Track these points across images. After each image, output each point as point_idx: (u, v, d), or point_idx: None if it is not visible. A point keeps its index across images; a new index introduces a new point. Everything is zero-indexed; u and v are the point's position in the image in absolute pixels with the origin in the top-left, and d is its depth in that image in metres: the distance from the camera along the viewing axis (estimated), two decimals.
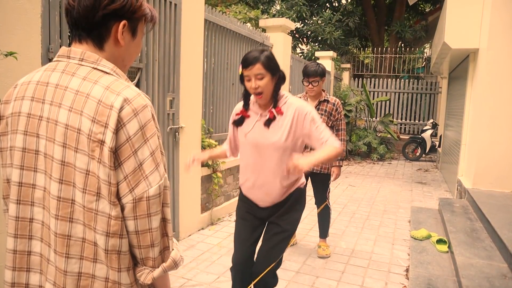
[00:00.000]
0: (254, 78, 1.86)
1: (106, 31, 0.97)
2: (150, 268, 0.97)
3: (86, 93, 0.92)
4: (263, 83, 1.86)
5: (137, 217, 0.92)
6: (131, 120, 0.91)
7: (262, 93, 1.89)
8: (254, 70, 1.85)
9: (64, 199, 0.93)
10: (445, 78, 9.06)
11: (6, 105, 1.02)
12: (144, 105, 0.93)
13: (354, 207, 5.15)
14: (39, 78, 0.99)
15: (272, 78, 1.90)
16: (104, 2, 0.94)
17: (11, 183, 1.00)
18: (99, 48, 0.99)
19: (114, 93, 0.91)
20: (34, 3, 2.16)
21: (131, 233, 0.94)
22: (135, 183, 0.91)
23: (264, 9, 11.65)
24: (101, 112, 0.90)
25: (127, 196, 0.92)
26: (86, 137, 0.90)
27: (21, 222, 0.99)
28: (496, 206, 3.78)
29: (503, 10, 4.37)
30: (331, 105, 3.24)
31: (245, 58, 1.88)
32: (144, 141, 0.93)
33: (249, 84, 1.89)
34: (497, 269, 2.69)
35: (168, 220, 0.99)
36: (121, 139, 0.90)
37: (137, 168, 0.92)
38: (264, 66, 1.85)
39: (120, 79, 0.96)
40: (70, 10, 0.96)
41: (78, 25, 0.97)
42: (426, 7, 14.02)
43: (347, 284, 2.91)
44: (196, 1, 3.72)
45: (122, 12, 0.97)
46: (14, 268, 1.00)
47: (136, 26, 1.03)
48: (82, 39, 0.98)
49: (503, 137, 4.42)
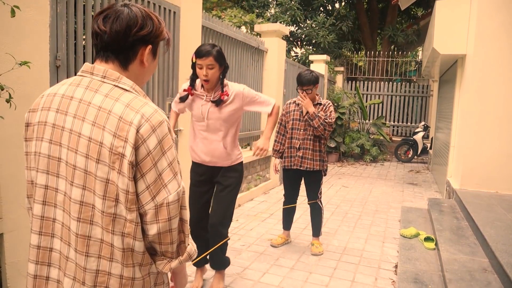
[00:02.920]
0: (206, 67, 2.33)
1: (133, 54, 1.08)
2: (168, 259, 1.12)
3: (108, 110, 1.01)
4: (212, 72, 2.36)
5: (159, 221, 1.04)
6: (150, 136, 1.00)
7: (209, 80, 2.38)
8: (206, 61, 2.32)
9: (86, 204, 1.03)
10: (436, 81, 9.26)
11: (33, 113, 1.11)
12: (161, 121, 1.03)
13: (346, 207, 5.31)
14: (64, 92, 1.08)
15: (219, 69, 2.39)
16: (134, 29, 1.05)
17: (37, 186, 1.09)
18: (124, 68, 1.09)
19: (134, 111, 1.01)
20: (43, 14, 2.29)
21: (154, 235, 1.06)
22: (156, 192, 1.02)
23: (259, 13, 11.80)
24: (122, 127, 0.99)
25: (150, 203, 1.02)
26: (107, 150, 0.99)
27: (45, 221, 1.09)
28: (481, 205, 3.96)
29: (489, 18, 4.56)
30: (322, 106, 3.42)
31: (199, 50, 2.35)
32: (162, 153, 1.03)
33: (201, 72, 2.36)
34: (479, 264, 2.86)
35: (185, 220, 1.12)
36: (142, 154, 1.00)
37: (157, 178, 1.02)
38: (215, 59, 2.33)
39: (138, 96, 1.06)
40: (100, 34, 1.05)
41: (107, 48, 1.06)
42: (418, 12, 14.26)
43: (339, 279, 3.06)
44: (194, 8, 3.86)
45: (149, 37, 1.08)
46: (37, 262, 1.10)
47: (157, 48, 1.14)
48: (109, 60, 1.08)
49: (489, 139, 4.61)
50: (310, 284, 2.96)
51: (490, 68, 4.58)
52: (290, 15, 11.50)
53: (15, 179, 2.13)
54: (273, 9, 12.36)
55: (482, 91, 4.64)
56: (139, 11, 1.07)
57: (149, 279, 1.12)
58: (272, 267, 3.23)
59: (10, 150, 2.11)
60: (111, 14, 1.05)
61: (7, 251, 2.13)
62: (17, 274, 2.19)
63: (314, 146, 3.44)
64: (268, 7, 12.13)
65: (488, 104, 4.61)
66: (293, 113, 3.51)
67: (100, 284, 1.05)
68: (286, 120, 3.56)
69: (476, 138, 4.68)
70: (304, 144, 3.43)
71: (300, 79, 3.35)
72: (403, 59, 12.95)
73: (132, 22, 1.05)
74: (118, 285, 1.06)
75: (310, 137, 3.42)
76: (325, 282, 3.00)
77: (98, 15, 1.07)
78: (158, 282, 1.16)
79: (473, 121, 4.70)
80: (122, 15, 1.04)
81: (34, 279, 1.11)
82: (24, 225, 2.18)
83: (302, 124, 3.45)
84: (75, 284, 1.06)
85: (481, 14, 4.60)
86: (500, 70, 4.53)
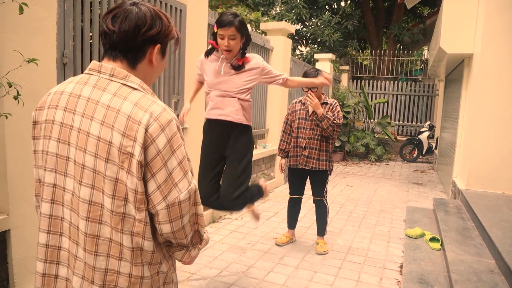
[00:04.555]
0: (227, 38, 2.31)
1: (141, 54, 1.08)
2: (186, 248, 1.15)
3: (117, 109, 1.00)
4: (234, 42, 2.34)
5: (172, 220, 1.04)
6: (159, 135, 0.99)
7: (231, 51, 2.36)
8: (228, 31, 2.30)
9: (95, 203, 1.02)
10: (442, 81, 9.21)
11: (40, 111, 1.11)
12: (169, 120, 1.02)
13: (351, 206, 5.30)
14: (71, 90, 1.07)
15: (241, 39, 2.37)
16: (143, 29, 1.04)
17: (45, 184, 1.09)
18: (132, 67, 1.08)
19: (142, 110, 1.00)
20: (51, 11, 2.29)
21: (168, 233, 1.06)
22: (167, 191, 1.02)
23: (264, 11, 11.78)
24: (130, 127, 0.98)
25: (161, 203, 1.02)
26: (116, 149, 0.99)
27: (53, 220, 1.09)
28: (487, 206, 3.93)
29: (496, 17, 4.52)
30: (329, 106, 3.40)
31: (221, 20, 2.31)
32: (171, 152, 1.02)
33: (222, 42, 2.34)
34: (485, 265, 2.84)
35: (200, 214, 1.14)
36: (152, 153, 0.99)
37: (168, 177, 1.02)
38: (237, 29, 2.31)
39: (147, 95, 1.05)
40: (109, 34, 1.05)
41: (116, 47, 1.06)
42: (424, 10, 14.18)
43: (344, 279, 3.05)
44: (200, 6, 3.86)
45: (157, 37, 1.07)
46: (45, 260, 1.10)
47: (166, 47, 1.13)
48: (117, 59, 1.07)
49: (495, 139, 4.57)
50: (315, 284, 2.95)
51: (498, 67, 4.54)
52: (295, 13, 11.46)
53: (22, 175, 2.14)
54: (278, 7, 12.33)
55: (489, 91, 4.60)
56: (148, 11, 1.06)
57: (158, 278, 1.12)
58: (277, 266, 3.23)
59: (18, 147, 2.12)
60: (120, 14, 1.04)
61: (14, 247, 2.14)
62: (24, 270, 2.20)
63: (321, 146, 3.42)
64: (273, 5, 12.11)
65: (495, 104, 4.57)
66: (299, 112, 3.49)
67: (109, 283, 1.05)
68: (292, 119, 3.55)
69: (482, 138, 4.64)
70: (310, 143, 3.42)
71: (305, 77, 3.33)
72: (409, 58, 12.89)
73: (141, 22, 1.04)
74: (127, 283, 1.05)
75: (316, 137, 3.41)
76: (330, 282, 2.99)
77: (107, 15, 1.06)
78: (167, 281, 1.16)
79: (480, 121, 4.66)
80: (131, 14, 1.04)
81: (43, 277, 1.11)
82: (31, 221, 2.19)
83: (308, 123, 3.43)
84: (84, 283, 1.06)
85: (489, 13, 4.55)
86: (508, 69, 4.48)
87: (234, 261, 3.28)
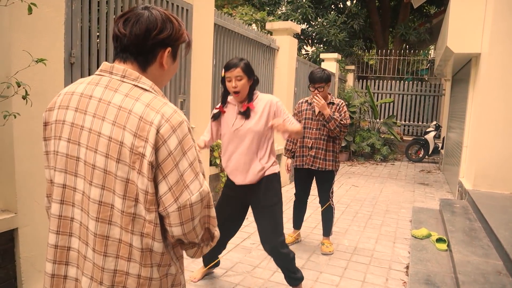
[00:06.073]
0: (234, 79, 2.33)
1: (152, 57, 1.08)
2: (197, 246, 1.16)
3: (129, 109, 1.00)
4: (241, 83, 2.34)
5: (183, 222, 1.04)
6: (170, 137, 0.99)
7: (239, 92, 2.35)
8: (234, 73, 2.33)
9: (105, 204, 1.02)
10: (449, 80, 9.15)
11: (50, 112, 1.11)
12: (180, 121, 1.02)
13: (357, 206, 5.28)
14: (82, 91, 1.07)
15: (248, 81, 2.37)
16: (153, 33, 1.05)
17: (55, 185, 1.09)
18: (143, 70, 1.08)
19: (154, 111, 1.00)
20: (59, 12, 2.30)
21: (179, 235, 1.06)
22: (178, 193, 1.01)
23: (270, 10, 11.77)
24: (142, 127, 0.98)
25: (173, 205, 1.01)
26: (128, 149, 0.99)
27: (63, 221, 1.09)
28: (494, 207, 3.90)
29: (504, 16, 4.48)
30: (335, 106, 3.39)
31: (227, 63, 2.36)
32: (183, 154, 1.02)
33: (230, 84, 2.35)
34: (493, 266, 2.82)
35: (212, 217, 1.13)
36: (163, 155, 0.99)
37: (179, 179, 1.01)
38: (243, 70, 2.33)
39: (158, 96, 1.05)
40: (120, 37, 1.06)
41: (127, 50, 1.07)
42: (431, 9, 14.09)
43: (349, 279, 3.05)
44: (206, 6, 3.86)
45: (168, 40, 1.08)
46: (54, 261, 1.10)
47: (177, 51, 1.14)
48: (128, 61, 1.08)
49: (503, 140, 4.54)
50: (320, 284, 2.94)
51: (505, 67, 4.50)
52: (301, 13, 11.44)
53: (31, 175, 2.16)
54: (284, 7, 12.32)
55: (496, 91, 4.56)
56: (159, 14, 1.07)
57: (167, 280, 1.12)
58: None
59: (26, 146, 2.13)
60: (132, 17, 1.05)
61: (22, 245, 2.15)
62: (31, 268, 2.22)
63: (327, 146, 3.41)
64: (279, 5, 12.10)
65: (502, 104, 4.53)
66: (305, 112, 3.49)
67: (117, 283, 1.05)
68: (298, 119, 3.54)
69: (490, 138, 4.60)
70: (317, 143, 3.41)
71: (312, 76, 3.34)
72: (415, 58, 12.83)
73: (152, 26, 1.05)
74: (136, 284, 1.06)
75: (323, 137, 3.40)
76: (336, 282, 2.98)
77: (119, 18, 1.07)
78: (176, 283, 1.16)
79: (487, 121, 4.63)
80: (142, 18, 1.05)
81: (52, 278, 1.11)
82: (39, 220, 2.21)
83: (315, 123, 3.42)
84: (92, 284, 1.06)
85: (497, 12, 4.51)
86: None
87: (240, 261, 3.28)
